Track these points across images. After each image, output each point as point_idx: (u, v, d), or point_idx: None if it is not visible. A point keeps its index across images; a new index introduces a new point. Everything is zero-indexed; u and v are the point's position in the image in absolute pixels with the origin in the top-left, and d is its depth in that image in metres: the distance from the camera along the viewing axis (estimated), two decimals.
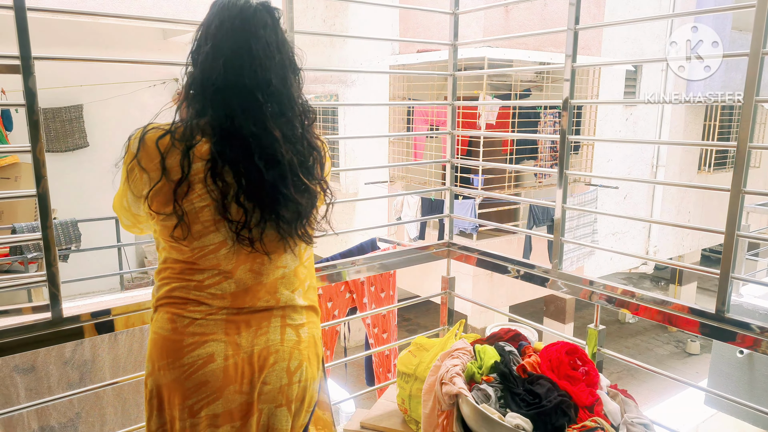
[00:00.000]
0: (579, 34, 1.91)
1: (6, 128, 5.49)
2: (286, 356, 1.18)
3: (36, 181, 1.47)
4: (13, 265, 5.35)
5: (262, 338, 1.16)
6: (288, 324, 1.20)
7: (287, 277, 1.22)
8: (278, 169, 1.13)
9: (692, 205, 9.69)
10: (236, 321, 1.15)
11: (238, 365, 1.14)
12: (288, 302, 1.21)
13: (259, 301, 1.18)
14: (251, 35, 1.13)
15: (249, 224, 1.12)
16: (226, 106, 1.11)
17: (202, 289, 1.15)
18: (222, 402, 1.13)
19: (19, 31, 1.38)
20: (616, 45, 8.03)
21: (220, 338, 1.14)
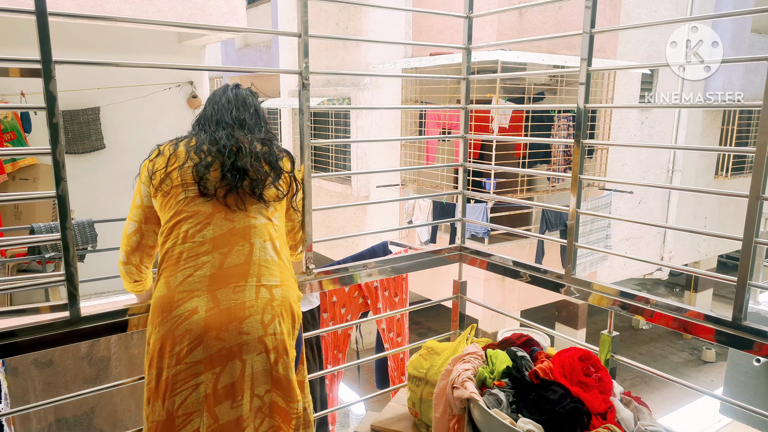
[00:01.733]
0: (595, 37, 1.90)
1: (25, 130, 5.57)
2: (260, 310, 1.42)
3: (56, 182, 1.49)
4: (31, 265, 5.42)
5: (239, 294, 1.41)
6: (263, 284, 1.45)
7: (269, 238, 1.53)
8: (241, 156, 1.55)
9: (709, 210, 9.57)
10: (217, 277, 1.42)
11: (216, 316, 1.38)
12: (261, 256, 1.48)
13: (233, 250, 1.46)
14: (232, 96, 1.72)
15: (204, 182, 1.52)
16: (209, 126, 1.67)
17: (195, 244, 1.45)
18: (202, 348, 1.36)
19: (40, 36, 1.41)
20: (632, 48, 7.97)
21: (203, 294, 1.40)
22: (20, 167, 5.55)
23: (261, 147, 1.61)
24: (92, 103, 5.95)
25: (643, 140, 8.49)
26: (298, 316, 1.52)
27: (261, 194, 1.54)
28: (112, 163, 6.13)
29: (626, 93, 7.98)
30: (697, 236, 9.47)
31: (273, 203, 1.58)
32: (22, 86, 5.27)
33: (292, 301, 1.50)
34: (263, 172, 1.56)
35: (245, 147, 1.56)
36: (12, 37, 5.28)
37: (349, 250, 7.60)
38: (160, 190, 1.52)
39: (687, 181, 8.95)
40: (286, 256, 1.59)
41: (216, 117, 1.63)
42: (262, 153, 1.59)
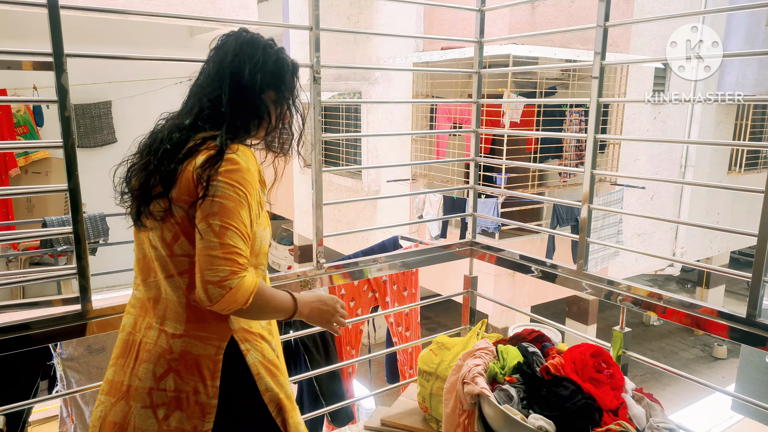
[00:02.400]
0: (608, 31, 1.87)
1: (37, 124, 5.62)
2: (154, 359, 1.25)
3: (68, 175, 1.50)
4: (43, 258, 5.48)
5: (146, 331, 1.29)
6: (164, 330, 1.26)
7: (159, 261, 1.28)
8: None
9: (722, 206, 9.47)
10: (141, 301, 1.33)
11: (128, 343, 1.31)
12: (162, 296, 1.28)
13: (146, 281, 1.33)
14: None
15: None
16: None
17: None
18: (113, 370, 1.31)
19: (52, 29, 1.41)
20: (645, 42, 7.88)
21: (133, 312, 1.34)
22: (33, 161, 5.61)
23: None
24: (104, 97, 5.99)
25: (655, 135, 8.41)
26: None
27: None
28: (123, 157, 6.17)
29: (639, 88, 7.89)
30: (709, 232, 9.38)
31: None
32: (35, 80, 5.31)
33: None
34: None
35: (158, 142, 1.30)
36: (24, 30, 5.32)
37: (359, 244, 7.61)
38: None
39: (700, 177, 8.85)
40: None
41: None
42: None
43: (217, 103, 1.27)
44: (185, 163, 1.21)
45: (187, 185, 1.20)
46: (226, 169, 1.19)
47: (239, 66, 1.28)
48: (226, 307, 1.15)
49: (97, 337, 2.17)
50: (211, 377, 1.23)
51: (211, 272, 1.13)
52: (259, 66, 1.29)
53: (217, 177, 1.17)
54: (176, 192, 1.21)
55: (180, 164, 1.21)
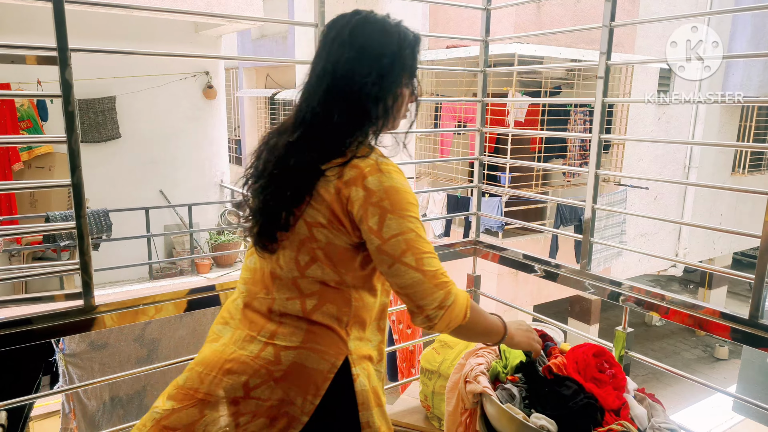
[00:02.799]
0: (614, 31, 1.87)
1: (41, 118, 5.63)
2: (249, 370, 1.15)
3: (71, 171, 1.50)
4: (46, 253, 5.50)
5: (245, 344, 1.19)
6: (273, 343, 1.17)
7: (283, 280, 1.19)
8: None
9: (725, 207, 9.44)
10: (245, 314, 1.25)
11: (224, 357, 1.21)
12: (282, 312, 1.19)
13: (258, 295, 1.23)
14: None
15: None
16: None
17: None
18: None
19: (56, 23, 1.41)
20: (650, 43, 7.85)
21: (233, 325, 1.24)
22: (36, 155, 5.62)
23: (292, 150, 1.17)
24: (108, 92, 5.99)
25: (660, 136, 8.39)
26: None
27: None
28: (127, 153, 6.18)
29: (644, 88, 7.87)
30: (712, 233, 9.35)
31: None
32: (39, 74, 5.31)
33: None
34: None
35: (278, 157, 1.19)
36: (28, 25, 5.33)
37: None
38: None
39: (704, 178, 8.83)
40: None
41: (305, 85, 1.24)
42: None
43: (360, 105, 1.16)
44: (331, 185, 1.12)
45: (340, 210, 1.12)
46: (393, 202, 1.11)
47: (373, 61, 1.17)
48: (448, 324, 1.14)
49: (99, 333, 2.18)
50: (313, 393, 1.13)
51: (429, 301, 1.11)
52: (393, 55, 1.20)
53: (387, 215, 1.10)
54: (322, 217, 1.13)
55: (326, 185, 1.12)
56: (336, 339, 1.17)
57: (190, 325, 2.33)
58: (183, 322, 2.33)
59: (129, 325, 2.23)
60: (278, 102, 10.81)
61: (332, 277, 1.16)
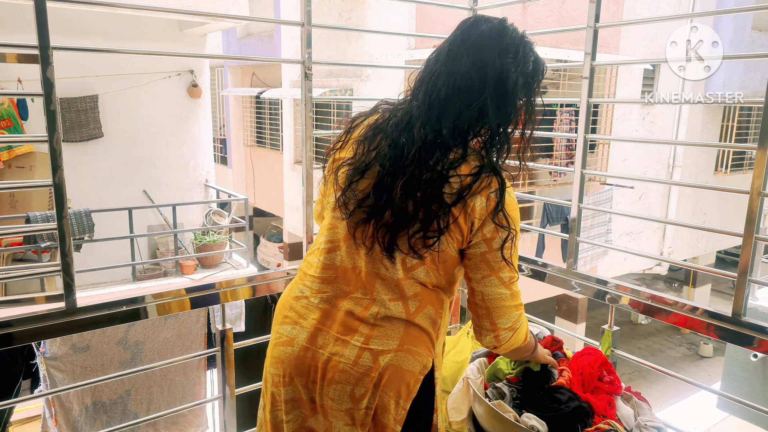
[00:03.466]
0: (598, 32, 1.88)
1: (22, 117, 5.53)
2: (352, 380, 1.11)
3: (52, 171, 1.47)
4: (26, 254, 5.41)
5: (338, 348, 1.13)
6: (369, 347, 1.12)
7: (386, 281, 1.15)
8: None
9: (708, 206, 9.57)
10: (329, 313, 1.16)
11: (306, 361, 1.14)
12: (382, 314, 1.14)
13: (352, 295, 1.16)
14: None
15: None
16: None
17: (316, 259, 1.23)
18: (291, 389, 1.16)
19: (38, 21, 1.38)
20: (634, 43, 7.93)
21: (306, 325, 1.16)
22: (17, 155, 5.52)
23: (435, 170, 1.10)
24: (91, 90, 5.91)
25: (644, 136, 8.48)
26: (409, 381, 1.16)
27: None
28: (110, 152, 6.10)
29: (628, 89, 7.95)
30: (696, 232, 9.47)
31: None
32: (20, 73, 5.23)
33: (404, 370, 1.14)
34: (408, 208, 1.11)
35: (412, 156, 1.10)
36: (10, 23, 5.24)
37: None
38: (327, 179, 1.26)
39: (687, 177, 8.94)
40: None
41: (428, 84, 1.15)
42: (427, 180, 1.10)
43: (482, 113, 1.11)
44: (463, 200, 1.10)
45: (462, 217, 1.11)
46: (512, 218, 1.14)
47: (507, 67, 1.11)
48: (511, 345, 1.20)
49: (81, 336, 2.15)
50: (406, 396, 1.11)
51: (505, 320, 1.16)
52: (521, 68, 1.14)
53: (502, 228, 1.14)
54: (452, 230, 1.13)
55: (456, 202, 1.10)
56: (428, 341, 1.17)
57: (174, 328, 2.30)
58: (167, 325, 2.30)
59: (112, 328, 2.20)
60: (264, 101, 10.76)
61: (433, 281, 1.16)
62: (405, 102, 1.20)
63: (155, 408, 2.33)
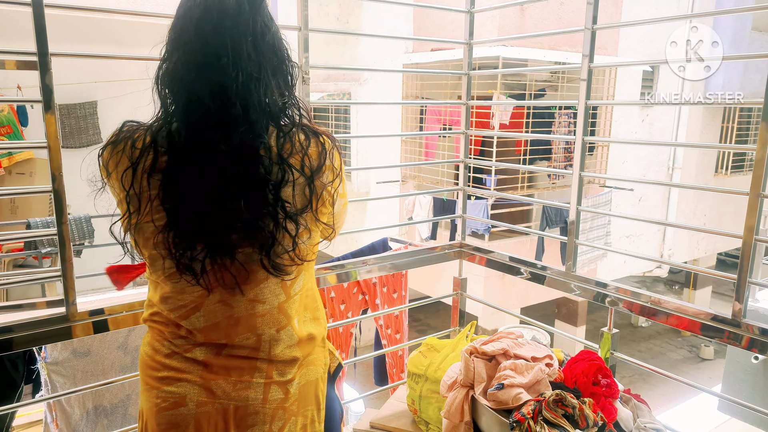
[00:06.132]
0: (596, 34, 1.88)
1: (21, 123, 5.54)
2: (268, 419, 1.04)
3: (52, 177, 1.48)
4: (27, 260, 5.41)
5: (242, 393, 1.02)
6: (274, 381, 1.05)
7: (270, 315, 1.05)
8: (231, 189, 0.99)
9: (708, 208, 9.56)
10: (214, 364, 1.02)
11: (211, 417, 1.01)
12: (273, 347, 1.05)
13: (237, 338, 1.03)
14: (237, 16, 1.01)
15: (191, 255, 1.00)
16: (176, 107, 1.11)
17: (178, 310, 1.04)
18: None
19: (36, 28, 1.39)
20: (633, 45, 7.95)
21: (194, 380, 1.02)
22: (16, 161, 5.53)
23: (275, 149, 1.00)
24: (90, 97, 5.92)
25: (643, 138, 8.48)
26: (320, 387, 1.15)
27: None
28: None
29: (627, 90, 7.96)
30: (696, 234, 9.47)
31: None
32: (19, 79, 5.24)
33: (313, 381, 1.12)
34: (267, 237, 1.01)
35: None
36: (6, 29, 5.25)
37: (348, 246, 7.60)
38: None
39: (687, 179, 8.94)
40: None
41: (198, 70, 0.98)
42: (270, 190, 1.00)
43: None
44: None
45: None
46: None
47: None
48: None
49: (82, 341, 2.14)
50: (322, 398, 1.18)
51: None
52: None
53: None
54: None
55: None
56: (318, 336, 1.21)
57: None
58: None
59: (112, 333, 2.19)
60: None
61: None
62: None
63: None
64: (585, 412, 1.29)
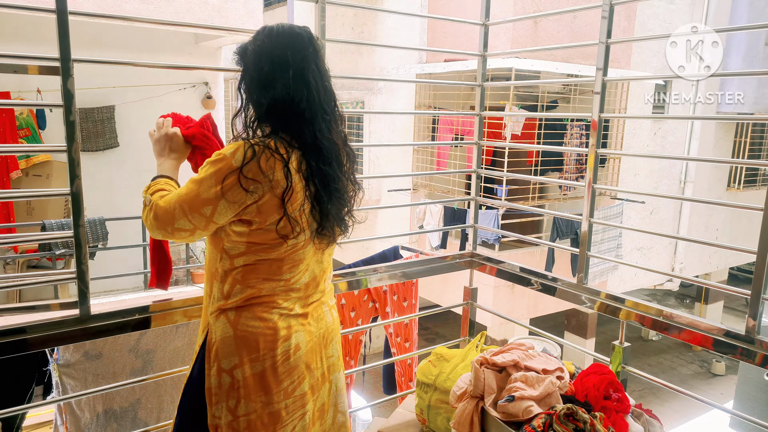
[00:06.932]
0: (610, 47, 1.89)
1: (39, 127, 5.63)
2: (336, 333, 1.49)
3: (70, 180, 1.50)
4: (41, 261, 5.47)
5: (323, 323, 1.44)
6: (331, 307, 1.49)
7: (331, 265, 1.50)
8: (342, 174, 1.37)
9: (720, 222, 9.48)
10: (306, 313, 1.39)
11: (314, 348, 1.40)
12: (328, 288, 1.48)
13: (318, 288, 1.43)
14: (320, 61, 1.34)
15: (326, 222, 1.33)
16: (310, 124, 1.29)
17: (288, 283, 1.35)
18: (308, 380, 1.38)
19: (60, 35, 1.42)
20: (646, 59, 7.93)
21: (300, 329, 1.37)
22: (34, 164, 5.61)
23: (352, 162, 1.47)
24: (107, 101, 6.00)
25: (655, 151, 8.44)
26: None
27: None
28: (125, 162, 6.18)
29: (639, 103, 7.93)
30: (708, 248, 9.38)
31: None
32: (39, 83, 5.32)
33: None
34: (349, 204, 1.44)
35: (345, 181, 1.42)
36: (24, 34, 5.35)
37: (359, 253, 7.62)
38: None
39: (699, 193, 8.87)
40: None
41: (309, 105, 1.31)
42: (352, 172, 1.47)
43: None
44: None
45: None
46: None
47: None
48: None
49: (94, 343, 2.16)
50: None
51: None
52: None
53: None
54: None
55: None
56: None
57: (185, 336, 2.31)
58: (179, 333, 2.31)
59: (124, 336, 2.21)
60: None
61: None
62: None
63: (165, 417, 2.34)
64: (596, 427, 1.28)
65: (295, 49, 1.29)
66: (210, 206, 1.24)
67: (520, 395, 1.39)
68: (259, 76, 1.28)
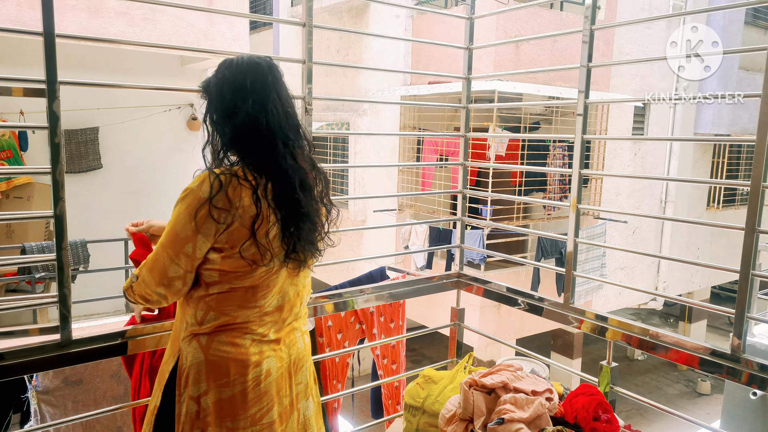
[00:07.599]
0: (591, 70, 1.93)
1: (22, 148, 5.56)
2: (306, 360, 1.48)
3: (54, 202, 1.48)
4: (20, 285, 5.36)
5: (294, 349, 1.43)
6: (303, 333, 1.48)
7: (308, 288, 1.50)
8: (311, 197, 1.37)
9: (701, 241, 9.62)
10: (279, 339, 1.39)
11: (284, 374, 1.39)
12: (303, 312, 1.49)
13: (292, 312, 1.42)
14: (281, 88, 1.36)
15: (296, 246, 1.34)
16: (273, 149, 1.31)
17: (261, 310, 1.35)
18: (277, 407, 1.37)
19: (47, 57, 1.42)
20: (624, 81, 8.10)
21: (271, 354, 1.36)
22: (14, 185, 5.53)
23: (322, 184, 1.46)
24: (91, 122, 5.96)
25: (636, 171, 8.57)
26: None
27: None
28: (108, 184, 6.12)
29: (620, 125, 8.08)
30: (691, 267, 9.49)
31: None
32: (21, 105, 5.28)
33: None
34: (319, 227, 1.44)
35: (314, 203, 1.41)
36: (11, 57, 5.31)
37: (345, 274, 7.58)
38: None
39: (680, 212, 9.01)
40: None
41: (270, 132, 1.32)
42: (321, 193, 1.46)
43: None
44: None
45: None
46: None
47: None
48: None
49: (74, 369, 2.11)
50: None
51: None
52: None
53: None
54: None
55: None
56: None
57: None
58: None
59: (105, 361, 2.16)
60: None
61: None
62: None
63: None
64: None
65: (255, 77, 1.32)
66: (190, 243, 1.26)
67: (509, 417, 1.39)
68: (222, 106, 1.31)
